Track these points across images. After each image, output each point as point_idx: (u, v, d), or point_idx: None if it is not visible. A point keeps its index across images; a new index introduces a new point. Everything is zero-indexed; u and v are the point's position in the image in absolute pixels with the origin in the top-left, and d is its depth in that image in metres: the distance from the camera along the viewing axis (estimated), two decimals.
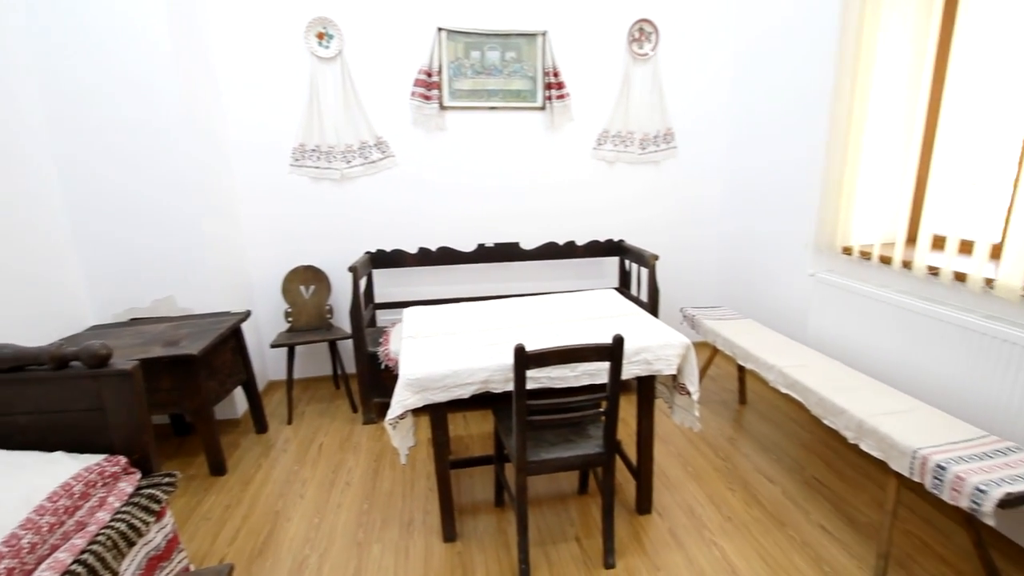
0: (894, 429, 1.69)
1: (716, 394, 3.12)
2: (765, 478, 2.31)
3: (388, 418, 1.69)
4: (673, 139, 3.47)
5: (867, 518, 2.04)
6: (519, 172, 3.34)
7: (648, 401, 1.96)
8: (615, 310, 2.21)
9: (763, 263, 3.28)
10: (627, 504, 2.16)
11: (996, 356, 1.79)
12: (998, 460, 1.53)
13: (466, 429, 2.81)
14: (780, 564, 1.83)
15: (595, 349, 1.55)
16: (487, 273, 3.44)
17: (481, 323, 2.08)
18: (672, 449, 2.55)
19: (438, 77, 3.09)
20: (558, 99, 3.22)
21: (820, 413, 1.98)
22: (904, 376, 2.15)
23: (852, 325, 2.42)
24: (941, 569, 1.79)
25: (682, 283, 3.72)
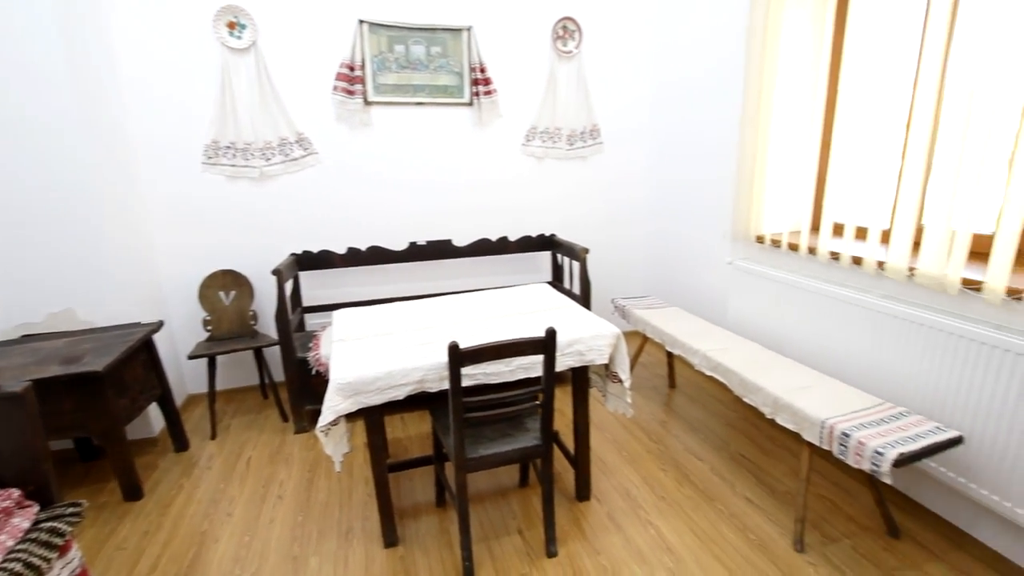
0: (805, 403, 1.83)
1: (648, 380, 3.25)
2: (695, 457, 2.43)
3: (320, 425, 1.63)
4: (599, 135, 3.56)
5: (785, 486, 2.19)
6: (449, 169, 3.32)
7: (583, 391, 2.01)
8: (548, 304, 2.24)
9: (687, 253, 3.44)
10: (567, 492, 2.21)
11: (889, 331, 1.98)
12: (892, 424, 1.69)
13: (404, 431, 2.76)
14: (710, 536, 1.94)
15: (529, 343, 1.57)
16: (420, 272, 3.39)
17: (414, 322, 2.05)
18: (608, 436, 2.63)
19: (361, 71, 3.00)
20: (486, 95, 3.22)
21: (741, 392, 2.11)
22: (813, 353, 2.33)
23: (767, 308, 2.59)
24: (849, 527, 1.96)
25: (613, 275, 3.84)
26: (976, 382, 1.69)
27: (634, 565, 1.82)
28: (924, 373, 1.86)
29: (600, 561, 1.84)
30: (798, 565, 1.79)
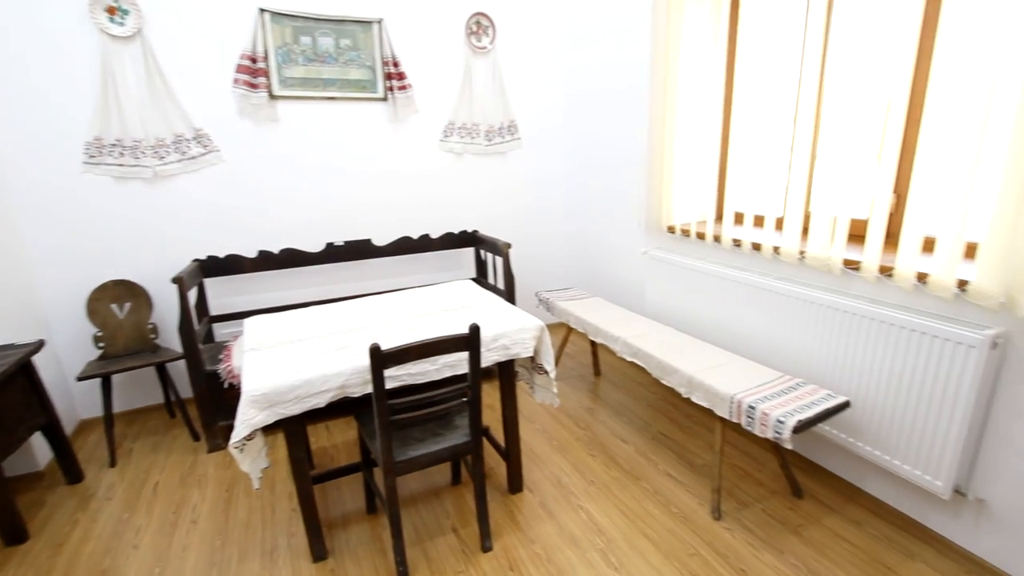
0: (716, 381, 1.96)
1: (574, 369, 3.33)
2: (620, 440, 2.53)
3: (233, 441, 1.53)
4: (517, 131, 3.59)
5: (702, 460, 2.34)
6: (366, 166, 3.22)
7: (510, 385, 2.03)
8: (472, 300, 2.24)
9: (605, 244, 3.56)
10: (500, 486, 2.22)
11: (785, 309, 2.16)
12: (791, 395, 1.85)
13: (330, 439, 2.66)
14: (637, 514, 2.02)
15: (453, 341, 1.56)
16: (339, 273, 3.27)
17: (334, 326, 1.97)
18: (538, 427, 2.68)
19: (264, 63, 2.83)
20: (400, 90, 3.15)
21: (659, 375, 2.22)
22: (722, 334, 2.50)
23: (680, 294, 2.74)
24: (759, 491, 2.12)
25: (537, 268, 3.90)
26: (858, 351, 1.89)
27: (567, 550, 1.87)
28: (815, 346, 2.04)
29: (535, 550, 1.87)
30: (716, 532, 1.92)
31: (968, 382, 1.58)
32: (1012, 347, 1.57)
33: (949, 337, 1.61)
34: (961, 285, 1.61)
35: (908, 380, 1.75)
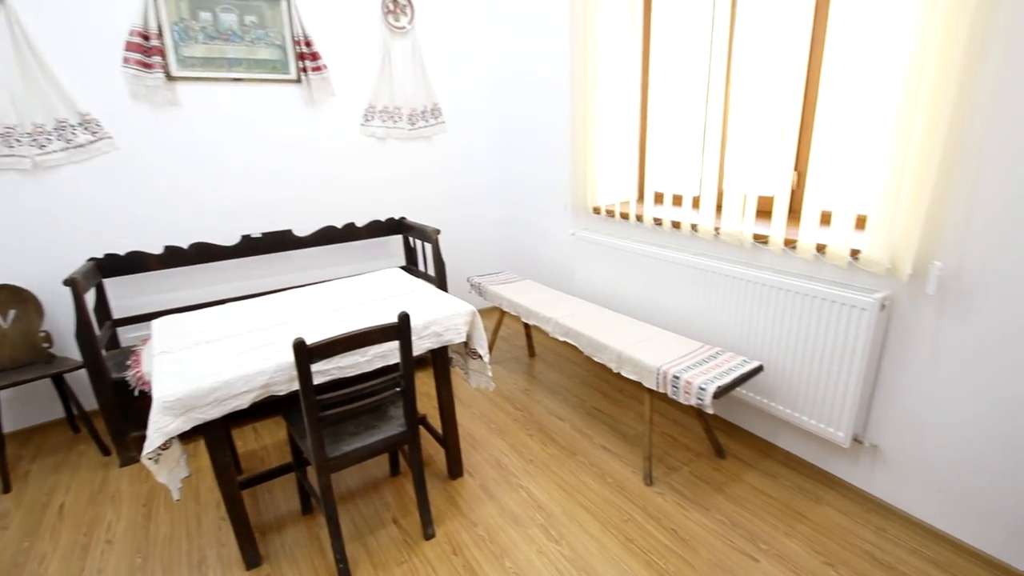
0: (643, 355, 2.05)
1: (509, 352, 3.37)
2: (556, 418, 2.59)
3: (146, 452, 1.42)
4: (441, 114, 3.53)
5: (634, 430, 2.45)
6: (282, 152, 3.04)
7: (445, 371, 2.02)
8: (402, 288, 2.19)
9: (535, 227, 3.60)
10: (440, 472, 2.22)
11: (704, 283, 2.28)
12: (711, 363, 1.97)
13: (258, 441, 2.53)
14: (575, 487, 2.09)
15: (382, 330, 1.52)
16: (258, 267, 3.10)
17: (254, 323, 1.87)
18: (475, 411, 2.69)
19: (159, 41, 2.59)
20: (315, 71, 2.99)
21: (590, 352, 2.28)
22: (648, 309, 2.60)
23: (607, 273, 2.82)
24: (687, 455, 2.25)
25: (468, 254, 3.88)
26: (769, 319, 2.03)
27: (509, 529, 1.90)
28: (731, 316, 2.18)
29: (477, 532, 1.89)
30: (649, 497, 2.02)
31: (862, 341, 1.75)
32: (897, 308, 1.75)
33: (845, 301, 1.77)
34: (854, 254, 1.77)
35: (811, 343, 1.90)
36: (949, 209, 1.56)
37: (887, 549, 1.75)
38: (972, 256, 1.55)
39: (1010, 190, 1.44)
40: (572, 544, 1.82)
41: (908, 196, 1.57)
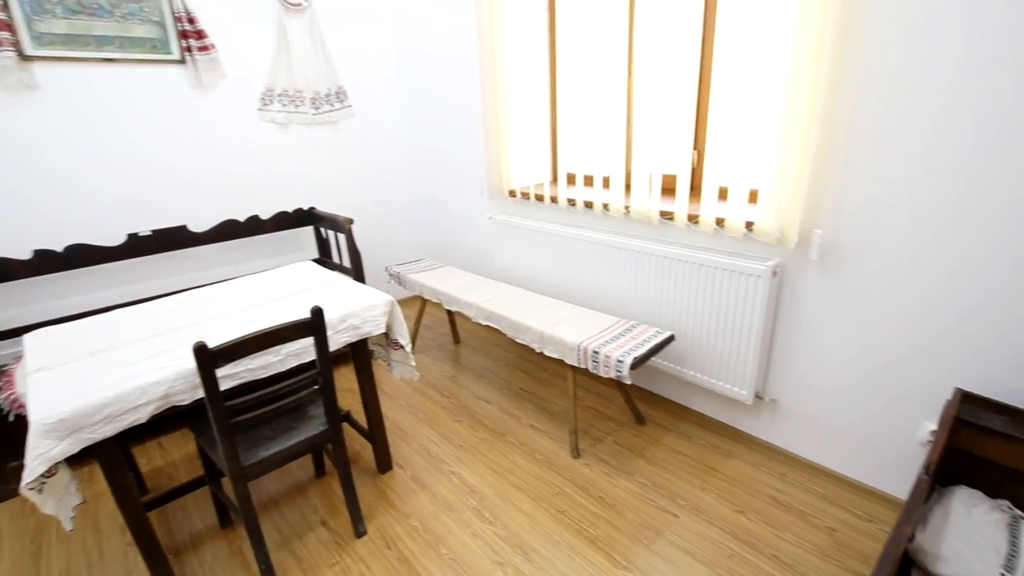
0: (564, 333, 2.10)
1: (433, 340, 3.33)
2: (484, 401, 2.61)
3: (26, 482, 1.26)
4: (347, 98, 3.37)
5: (560, 407, 2.52)
6: (171, 141, 2.77)
7: (366, 365, 1.96)
8: (314, 282, 2.10)
9: (452, 212, 3.56)
10: (368, 468, 2.17)
11: (617, 260, 2.37)
12: (627, 336, 2.06)
13: (165, 456, 2.34)
14: (505, 467, 2.13)
15: (294, 327, 1.44)
16: (150, 269, 2.83)
17: (148, 329, 1.71)
18: (402, 402, 2.65)
19: (6, 14, 2.26)
20: (201, 51, 2.74)
21: (513, 334, 2.31)
22: (567, 289, 2.67)
23: (527, 255, 2.85)
24: (610, 426, 2.35)
25: (385, 242, 3.77)
26: (677, 290, 2.15)
27: (443, 516, 1.90)
28: (644, 290, 2.28)
29: (411, 523, 1.88)
30: (576, 468, 2.10)
31: (758, 305, 1.90)
32: (786, 274, 1.91)
33: (742, 270, 1.91)
34: (748, 226, 1.91)
35: (716, 310, 2.04)
36: (826, 183, 1.72)
37: (788, 492, 1.93)
38: (845, 224, 1.72)
39: (871, 167, 1.61)
40: (506, 523, 1.85)
41: (792, 172, 1.71)
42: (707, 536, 1.77)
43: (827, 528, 1.77)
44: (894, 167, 1.58)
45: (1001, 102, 1.37)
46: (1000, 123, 1.39)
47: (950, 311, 1.59)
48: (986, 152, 1.42)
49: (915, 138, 1.53)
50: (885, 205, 1.63)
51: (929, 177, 1.53)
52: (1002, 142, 1.39)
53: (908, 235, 1.61)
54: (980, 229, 1.48)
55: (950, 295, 1.58)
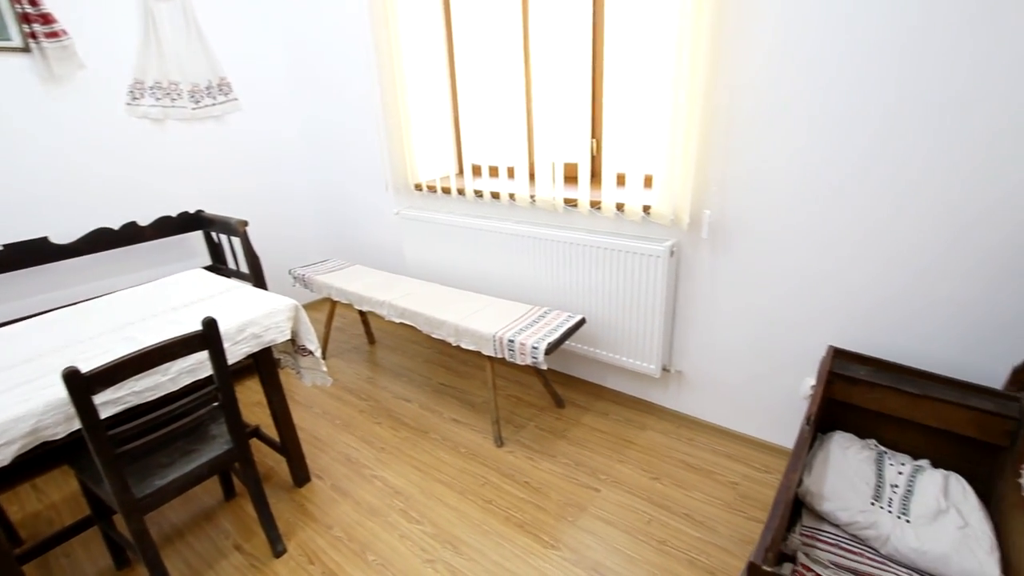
0: (479, 324, 2.11)
1: (347, 342, 3.21)
2: (404, 400, 2.56)
3: None
4: (231, 90, 3.12)
5: (481, 398, 2.53)
6: (20, 141, 2.43)
7: (272, 375, 1.85)
8: (208, 291, 1.94)
9: (357, 210, 3.43)
10: (284, 483, 2.06)
11: (527, 249, 2.40)
12: (541, 323, 2.10)
13: (42, 499, 2.08)
14: (430, 465, 2.10)
15: (183, 342, 1.33)
16: (4, 288, 2.47)
17: (4, 358, 1.49)
18: (317, 410, 2.53)
19: None
20: (49, 38, 2.41)
21: (429, 330, 2.28)
22: (480, 280, 2.68)
23: (437, 249, 2.82)
24: (531, 412, 2.40)
25: (287, 245, 3.57)
26: (585, 275, 2.23)
27: (368, 522, 1.85)
28: (554, 277, 2.34)
29: (334, 534, 1.81)
30: (501, 457, 2.12)
31: (659, 284, 2.01)
32: (682, 253, 2.04)
33: (643, 252, 2.01)
34: (646, 210, 2.01)
35: (622, 292, 2.14)
36: (711, 167, 1.86)
37: (697, 455, 2.08)
38: (731, 204, 1.87)
39: (750, 152, 1.76)
40: (434, 520, 1.84)
41: (681, 158, 1.83)
42: (627, 505, 1.86)
43: (731, 483, 1.93)
44: (770, 151, 1.73)
45: (862, 91, 1.55)
46: (863, 108, 1.56)
47: (822, 279, 1.78)
48: (851, 136, 1.60)
49: (787, 124, 1.68)
50: (763, 186, 1.78)
51: (800, 161, 1.69)
52: (861, 127, 1.57)
53: (784, 213, 1.77)
54: (848, 206, 1.66)
55: (821, 265, 1.76)
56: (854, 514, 1.33)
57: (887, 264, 1.65)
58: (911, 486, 1.42)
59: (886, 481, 1.44)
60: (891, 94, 1.49)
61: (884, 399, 1.54)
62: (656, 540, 1.72)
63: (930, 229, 1.55)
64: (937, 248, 1.55)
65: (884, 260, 1.65)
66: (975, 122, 1.41)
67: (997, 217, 1.45)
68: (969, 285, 1.54)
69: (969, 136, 1.42)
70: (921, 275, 1.60)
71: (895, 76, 1.48)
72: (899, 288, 1.65)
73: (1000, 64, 1.34)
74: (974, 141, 1.42)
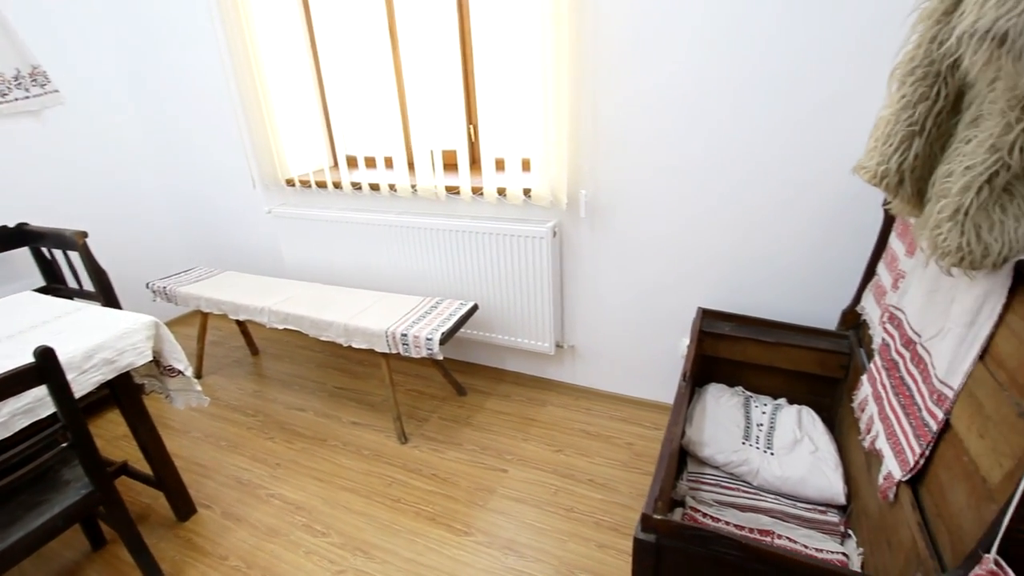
0: (369, 321, 2.04)
1: (226, 356, 2.95)
2: (297, 410, 2.41)
3: None
4: (48, 80, 2.67)
5: (380, 397, 2.46)
6: None
7: (135, 403, 1.64)
8: (40, 316, 1.66)
9: (223, 211, 3.13)
10: (165, 519, 1.86)
11: (412, 239, 2.35)
12: (433, 313, 2.08)
13: None
14: (332, 473, 2.01)
15: (11, 379, 1.13)
16: None
17: None
18: (197, 435, 2.30)
19: None
20: None
21: (316, 333, 2.16)
22: (367, 276, 2.58)
23: (318, 247, 2.66)
24: (433, 403, 2.38)
25: (142, 256, 3.17)
26: (474, 261, 2.24)
27: (268, 544, 1.73)
28: (442, 266, 2.32)
29: (230, 565, 1.67)
30: (406, 453, 2.08)
31: (545, 264, 2.08)
32: (564, 232, 2.12)
33: (527, 234, 2.06)
34: (526, 193, 2.06)
35: (511, 275, 2.18)
36: (583, 148, 1.94)
37: (594, 422, 2.20)
38: (604, 183, 1.97)
39: (618, 131, 1.86)
40: (340, 529, 1.77)
41: (555, 140, 1.88)
42: (534, 481, 1.92)
43: (627, 444, 2.07)
44: (635, 132, 1.85)
45: (712, 75, 1.69)
46: (715, 90, 1.71)
47: (690, 247, 1.94)
48: (705, 116, 1.74)
49: (648, 105, 1.79)
50: (631, 165, 1.90)
51: (663, 141, 1.82)
52: (714, 107, 1.72)
53: (651, 187, 1.91)
54: (707, 179, 1.82)
55: (687, 235, 1.92)
56: (729, 455, 1.49)
57: (742, 230, 1.84)
58: (773, 423, 1.61)
59: (753, 421, 1.62)
60: (736, 78, 1.65)
61: (747, 350, 1.73)
62: (564, 508, 1.80)
63: (773, 197, 1.75)
64: (780, 213, 1.76)
65: (739, 226, 1.84)
66: (800, 103, 1.60)
67: (823, 186, 1.67)
68: (806, 245, 1.77)
69: (795, 116, 1.62)
70: (769, 237, 1.81)
71: (739, 63, 1.63)
72: (753, 250, 1.85)
73: (816, 55, 1.54)
74: (799, 121, 1.62)
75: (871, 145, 1.06)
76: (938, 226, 0.87)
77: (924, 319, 1.12)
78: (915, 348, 1.13)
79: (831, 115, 1.58)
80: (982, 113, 0.85)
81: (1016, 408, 0.80)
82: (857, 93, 1.53)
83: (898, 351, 1.21)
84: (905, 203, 1.03)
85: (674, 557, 1.02)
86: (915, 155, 0.96)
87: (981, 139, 0.81)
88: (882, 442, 1.17)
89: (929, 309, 1.11)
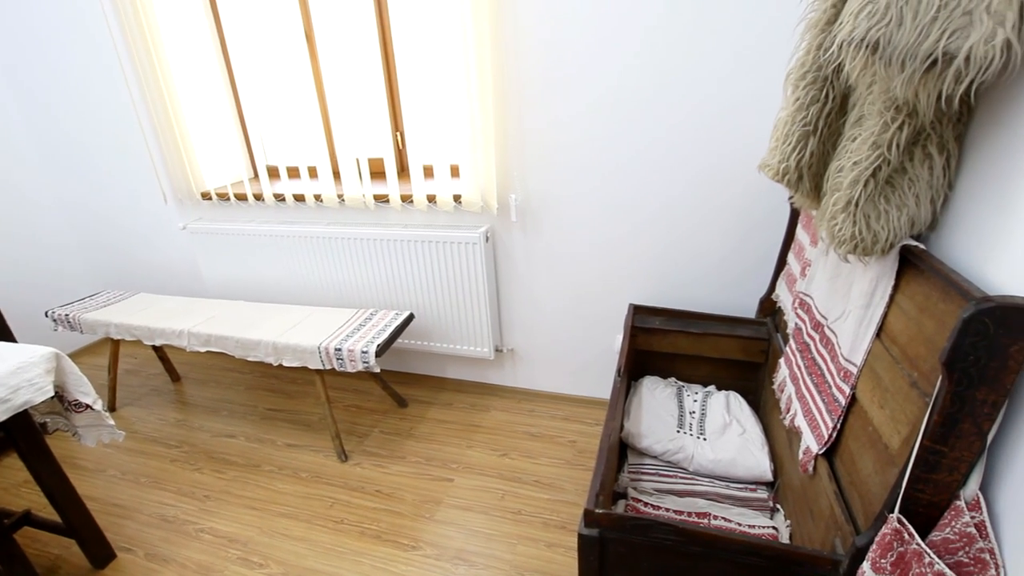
0: (300, 338, 1.96)
1: (143, 385, 2.74)
2: (226, 437, 2.28)
3: None
4: None
5: (316, 416, 2.36)
6: None
7: (36, 444, 1.49)
8: None
9: (131, 229, 2.90)
10: (80, 569, 1.69)
11: (342, 250, 2.28)
12: (368, 325, 2.03)
13: None
14: (268, 500, 1.91)
15: None
16: None
17: None
18: (114, 473, 2.12)
19: None
20: None
21: (242, 353, 2.05)
22: (295, 291, 2.47)
23: (241, 263, 2.53)
24: (373, 417, 2.32)
25: (37, 281, 2.89)
26: (407, 270, 2.20)
27: None
28: (375, 276, 2.27)
29: None
30: (347, 471, 2.01)
31: (480, 269, 2.08)
32: (497, 237, 2.13)
33: (460, 240, 2.05)
34: (456, 199, 2.05)
35: (446, 282, 2.16)
36: (511, 153, 1.96)
37: (537, 423, 2.22)
38: (532, 187, 2.00)
39: (543, 136, 1.90)
40: (280, 559, 1.68)
41: (482, 145, 1.89)
42: (481, 487, 1.91)
43: (570, 442, 2.10)
44: (560, 136, 1.88)
45: (631, 78, 1.75)
46: (635, 92, 1.77)
47: (618, 247, 2.00)
48: (629, 118, 1.80)
49: (572, 111, 1.84)
50: (558, 168, 1.94)
51: (588, 145, 1.87)
52: (637, 108, 1.79)
53: (576, 190, 1.95)
54: (630, 182, 1.88)
55: (615, 235, 1.99)
56: (665, 444, 1.55)
57: (666, 227, 1.92)
58: (704, 410, 1.69)
59: (686, 410, 1.70)
60: (654, 85, 1.73)
61: (676, 342, 1.81)
62: (511, 512, 1.80)
63: (693, 195, 1.84)
64: (700, 210, 1.86)
65: (663, 224, 1.92)
66: (712, 107, 1.70)
67: (736, 184, 1.78)
68: (724, 239, 1.87)
69: (709, 121, 1.72)
70: (691, 234, 1.90)
71: (655, 72, 1.71)
72: (678, 246, 1.94)
73: (724, 63, 1.63)
74: (711, 125, 1.72)
75: (772, 144, 1.14)
76: (834, 217, 0.95)
77: (829, 303, 1.22)
78: (823, 330, 1.22)
79: (739, 118, 1.69)
80: (864, 113, 0.93)
81: (908, 379, 0.88)
82: (762, 97, 1.64)
83: (809, 334, 1.31)
84: (805, 197, 1.11)
85: (617, 548, 1.05)
86: (811, 153, 1.04)
87: (864, 137, 0.89)
88: (800, 419, 1.25)
89: (832, 294, 1.20)
